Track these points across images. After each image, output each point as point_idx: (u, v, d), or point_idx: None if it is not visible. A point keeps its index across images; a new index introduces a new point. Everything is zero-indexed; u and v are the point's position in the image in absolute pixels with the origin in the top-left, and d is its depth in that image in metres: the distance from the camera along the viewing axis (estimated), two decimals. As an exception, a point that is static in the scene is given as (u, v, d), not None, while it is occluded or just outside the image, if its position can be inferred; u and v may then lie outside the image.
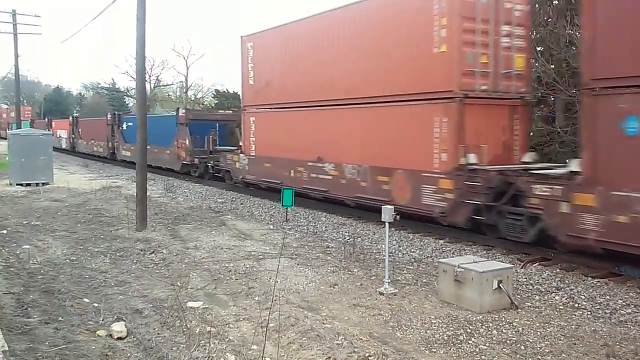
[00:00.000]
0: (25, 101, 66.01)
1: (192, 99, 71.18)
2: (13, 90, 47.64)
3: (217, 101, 68.32)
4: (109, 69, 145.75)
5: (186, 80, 71.40)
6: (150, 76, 66.35)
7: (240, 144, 19.54)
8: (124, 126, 33.13)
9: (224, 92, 69.84)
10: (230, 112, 28.12)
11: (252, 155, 18.53)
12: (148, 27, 12.84)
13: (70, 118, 46.77)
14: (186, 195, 19.92)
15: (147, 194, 13.48)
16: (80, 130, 43.79)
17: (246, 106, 19.00)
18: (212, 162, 23.01)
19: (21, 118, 57.68)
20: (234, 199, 18.84)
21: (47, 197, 17.75)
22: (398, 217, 8.47)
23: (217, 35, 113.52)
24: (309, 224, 14.13)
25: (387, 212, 8.29)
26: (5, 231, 12.15)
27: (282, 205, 14.70)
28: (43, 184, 20.81)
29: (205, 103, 70.24)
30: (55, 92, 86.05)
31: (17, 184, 20.62)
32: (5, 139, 32.88)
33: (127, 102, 74.81)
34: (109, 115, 36.12)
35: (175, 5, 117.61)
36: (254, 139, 18.45)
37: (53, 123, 51.58)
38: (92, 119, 45.86)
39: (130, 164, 29.29)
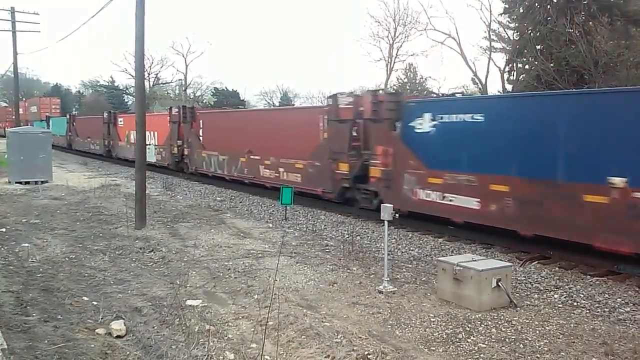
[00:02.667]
0: (23, 97, 65.58)
1: (192, 97, 71.25)
2: (12, 88, 47.45)
3: (216, 99, 68.42)
4: (107, 67, 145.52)
5: (185, 78, 71.52)
6: (149, 74, 66.40)
7: None
8: (426, 125, 12.38)
9: (223, 90, 69.99)
10: None
11: None
12: (147, 25, 12.81)
13: (174, 110, 25.14)
14: (185, 194, 19.90)
15: (146, 192, 13.48)
16: (202, 132, 23.57)
17: None
18: None
19: (48, 114, 56.43)
20: (232, 198, 18.83)
21: (46, 195, 17.73)
22: (397, 215, 8.49)
23: (217, 33, 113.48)
24: (308, 223, 14.12)
25: (386, 211, 8.29)
26: (4, 229, 12.12)
27: (281, 204, 14.70)
28: (42, 182, 20.74)
29: (204, 101, 70.27)
30: (54, 89, 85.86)
31: (16, 182, 20.57)
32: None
33: (126, 100, 74.71)
34: (341, 101, 14.93)
35: (175, 3, 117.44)
36: None
37: (120, 120, 32.85)
38: (264, 110, 28.44)
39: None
